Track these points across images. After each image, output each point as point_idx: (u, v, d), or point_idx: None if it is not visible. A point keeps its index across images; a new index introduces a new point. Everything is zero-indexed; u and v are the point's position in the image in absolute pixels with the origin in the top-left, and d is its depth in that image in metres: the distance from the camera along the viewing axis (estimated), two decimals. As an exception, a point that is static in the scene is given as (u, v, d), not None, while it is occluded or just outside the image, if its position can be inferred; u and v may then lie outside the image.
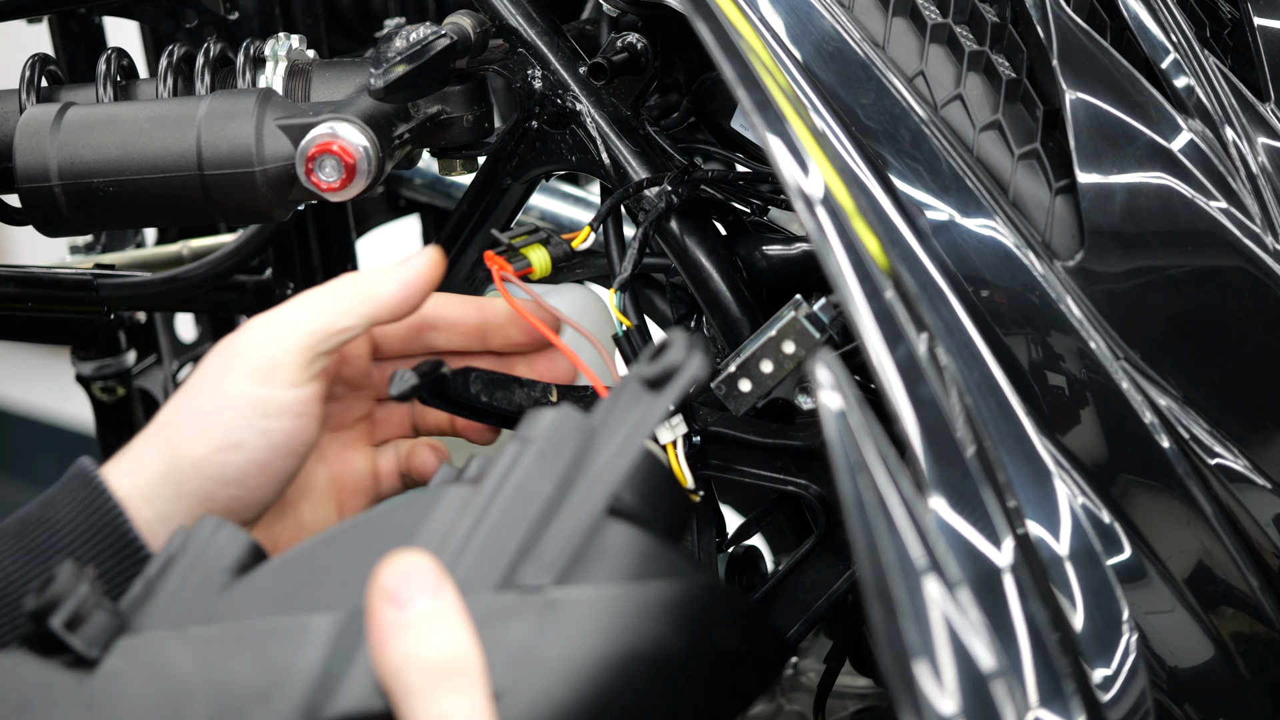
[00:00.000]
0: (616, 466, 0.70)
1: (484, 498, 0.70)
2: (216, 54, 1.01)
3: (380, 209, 1.43)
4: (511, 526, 0.69)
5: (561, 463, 0.71)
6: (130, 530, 0.83)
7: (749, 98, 0.76)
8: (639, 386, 0.72)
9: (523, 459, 0.71)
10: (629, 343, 0.91)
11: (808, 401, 0.89)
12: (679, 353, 0.72)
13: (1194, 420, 0.81)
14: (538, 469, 0.70)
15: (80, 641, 0.68)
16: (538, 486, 0.70)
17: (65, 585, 0.68)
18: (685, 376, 0.71)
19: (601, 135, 0.96)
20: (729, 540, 0.95)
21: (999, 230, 0.82)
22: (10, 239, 3.18)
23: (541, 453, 0.71)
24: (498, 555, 0.68)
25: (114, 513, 0.84)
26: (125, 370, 1.44)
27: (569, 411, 0.72)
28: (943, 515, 0.69)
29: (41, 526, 0.84)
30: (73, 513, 0.84)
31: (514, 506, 0.69)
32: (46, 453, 3.41)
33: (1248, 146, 0.83)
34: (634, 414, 0.72)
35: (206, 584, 0.70)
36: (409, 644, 0.64)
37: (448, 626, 0.64)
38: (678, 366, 0.71)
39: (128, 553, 0.83)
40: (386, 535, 0.70)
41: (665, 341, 0.73)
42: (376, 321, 0.88)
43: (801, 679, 1.28)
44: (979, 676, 0.65)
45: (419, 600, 0.64)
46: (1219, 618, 0.82)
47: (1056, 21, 0.84)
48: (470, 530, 0.69)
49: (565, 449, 0.71)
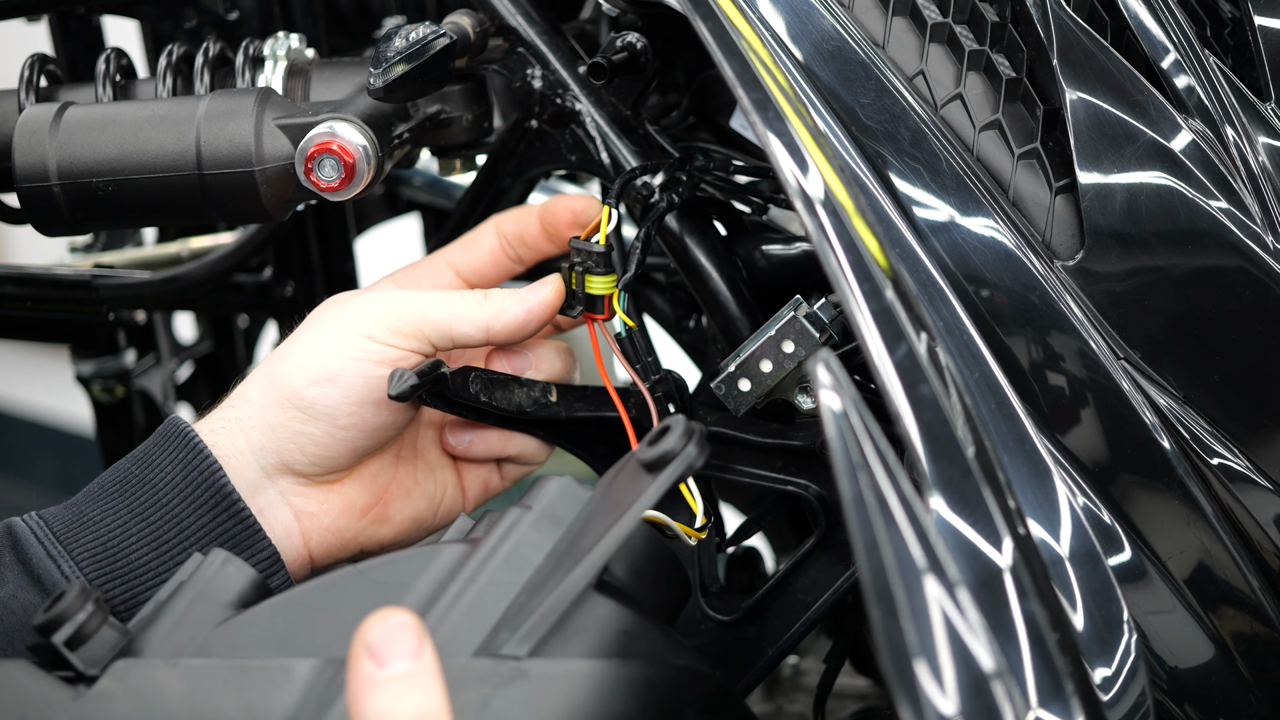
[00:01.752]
0: (605, 543, 0.71)
1: (477, 561, 0.72)
2: (216, 54, 1.01)
3: (380, 208, 1.43)
4: (498, 593, 0.71)
5: (556, 533, 0.73)
6: (226, 483, 0.88)
7: (749, 97, 0.76)
8: (638, 467, 0.74)
9: (519, 526, 0.73)
10: (631, 343, 0.91)
11: (808, 401, 0.89)
12: (677, 439, 0.73)
13: (1194, 420, 0.81)
14: (531, 538, 0.73)
15: (80, 659, 0.70)
16: (530, 555, 0.72)
17: (71, 605, 0.71)
18: (683, 462, 0.73)
19: (601, 134, 0.96)
20: (729, 540, 0.95)
21: (999, 230, 0.82)
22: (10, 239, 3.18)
23: (538, 521, 0.73)
24: (481, 621, 0.70)
25: (212, 469, 0.88)
26: (125, 370, 1.44)
27: (571, 483, 0.75)
28: (943, 515, 0.69)
29: (144, 487, 0.88)
30: (172, 471, 0.88)
31: (503, 573, 0.71)
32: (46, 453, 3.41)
33: (1248, 146, 0.83)
34: (630, 493, 0.73)
35: (207, 615, 0.73)
36: (384, 700, 0.65)
37: (424, 687, 0.66)
38: (675, 452, 0.73)
39: (224, 505, 0.88)
40: (378, 589, 0.72)
41: (665, 425, 0.75)
42: (492, 342, 0.92)
43: (801, 679, 1.28)
44: (979, 676, 0.65)
45: (399, 660, 0.66)
46: (1219, 618, 0.82)
47: (1056, 21, 0.84)
48: (458, 593, 0.71)
49: (562, 520, 0.73)
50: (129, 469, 0.89)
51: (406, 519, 0.96)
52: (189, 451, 0.89)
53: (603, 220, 0.90)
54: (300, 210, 1.23)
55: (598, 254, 0.90)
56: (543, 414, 0.93)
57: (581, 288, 0.91)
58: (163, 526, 0.87)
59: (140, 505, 0.88)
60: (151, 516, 0.88)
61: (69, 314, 1.23)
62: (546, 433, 0.95)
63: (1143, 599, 0.81)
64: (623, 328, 0.90)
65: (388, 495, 0.95)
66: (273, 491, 0.91)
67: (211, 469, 0.88)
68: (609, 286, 0.90)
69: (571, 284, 0.91)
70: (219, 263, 1.21)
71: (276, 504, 0.91)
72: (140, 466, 0.89)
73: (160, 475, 0.89)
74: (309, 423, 0.89)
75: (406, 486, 0.96)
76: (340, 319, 0.91)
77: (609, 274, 0.90)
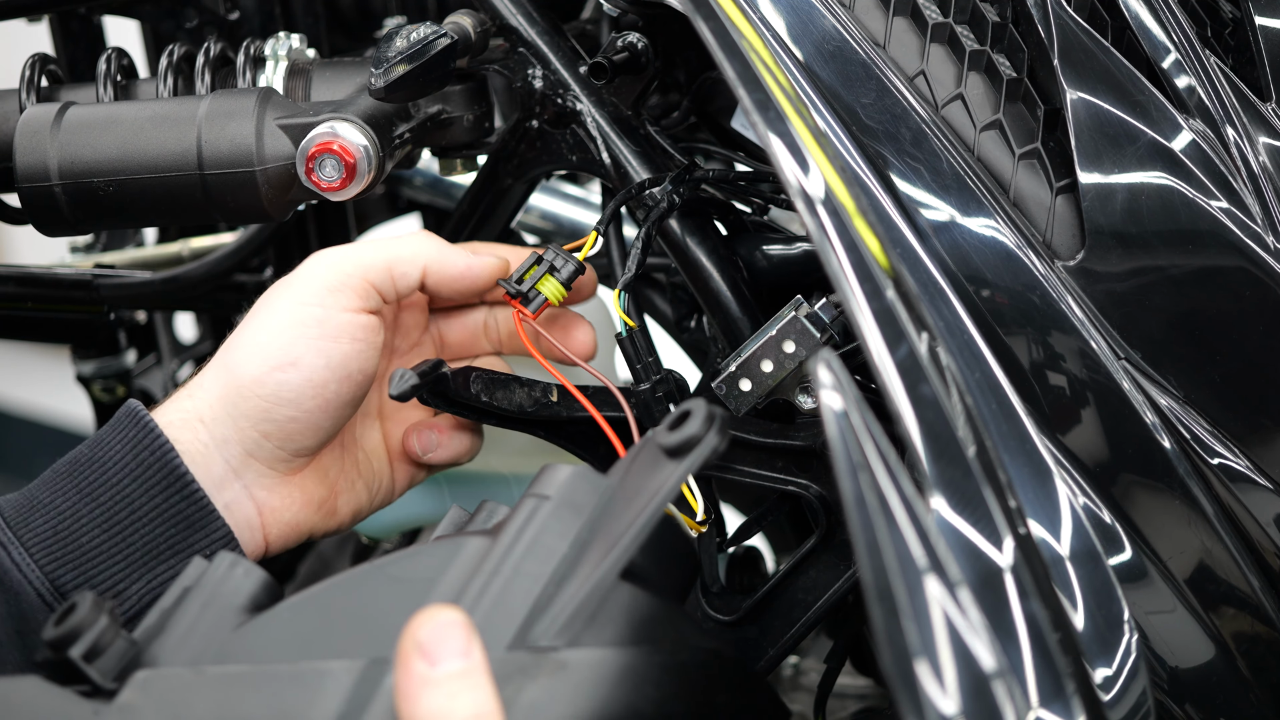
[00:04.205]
0: (633, 532, 0.71)
1: (500, 552, 0.71)
2: (216, 54, 1.01)
3: (380, 208, 1.42)
4: (527, 585, 0.70)
5: (578, 522, 0.72)
6: (179, 464, 0.86)
7: (750, 97, 0.76)
8: (657, 451, 0.73)
9: (539, 515, 0.72)
10: (632, 343, 0.91)
11: (808, 401, 0.89)
12: (699, 424, 0.73)
13: (1195, 420, 0.81)
14: (554, 527, 0.72)
15: (97, 672, 0.69)
16: (554, 545, 0.71)
17: (86, 617, 0.70)
18: (706, 448, 0.72)
19: (602, 135, 0.96)
20: (729, 540, 0.95)
21: (1000, 230, 0.82)
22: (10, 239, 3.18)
23: (557, 510, 0.72)
24: (512, 613, 0.69)
25: (163, 449, 0.86)
26: (125, 370, 1.44)
27: (585, 471, 0.74)
28: (943, 515, 0.69)
29: (93, 466, 0.86)
30: (122, 450, 0.86)
31: (529, 563, 0.71)
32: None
33: (1248, 146, 0.83)
34: (652, 480, 0.73)
35: (221, 620, 0.71)
36: (438, 700, 0.65)
37: (476, 685, 0.65)
38: (699, 438, 0.72)
39: (177, 486, 0.86)
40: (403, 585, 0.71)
41: (685, 410, 0.74)
42: (430, 288, 0.92)
43: (801, 679, 1.28)
44: (979, 676, 0.65)
45: (451, 658, 0.65)
46: (1220, 618, 0.82)
47: (1057, 21, 0.84)
48: (484, 586, 0.70)
49: (582, 508, 0.72)
50: (81, 451, 0.88)
51: (349, 510, 0.96)
52: (139, 431, 0.87)
53: (588, 242, 0.91)
54: (301, 210, 1.23)
55: (571, 268, 0.91)
56: (544, 414, 0.93)
57: (535, 280, 0.91)
58: (114, 507, 0.86)
59: (90, 486, 0.86)
60: (102, 497, 0.86)
61: (69, 314, 1.23)
62: (547, 432, 0.95)
63: (1143, 599, 0.81)
64: (623, 328, 0.90)
65: (337, 487, 0.95)
66: (238, 486, 0.90)
67: (163, 448, 0.87)
68: (554, 295, 0.92)
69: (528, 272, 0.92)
70: (219, 263, 1.21)
71: (242, 499, 0.90)
72: (91, 448, 0.88)
73: (110, 455, 0.87)
74: (273, 409, 0.88)
75: (351, 478, 0.96)
76: (288, 296, 0.90)
77: (564, 289, 0.92)
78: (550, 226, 1.32)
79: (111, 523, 0.86)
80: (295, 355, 0.88)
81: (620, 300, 0.90)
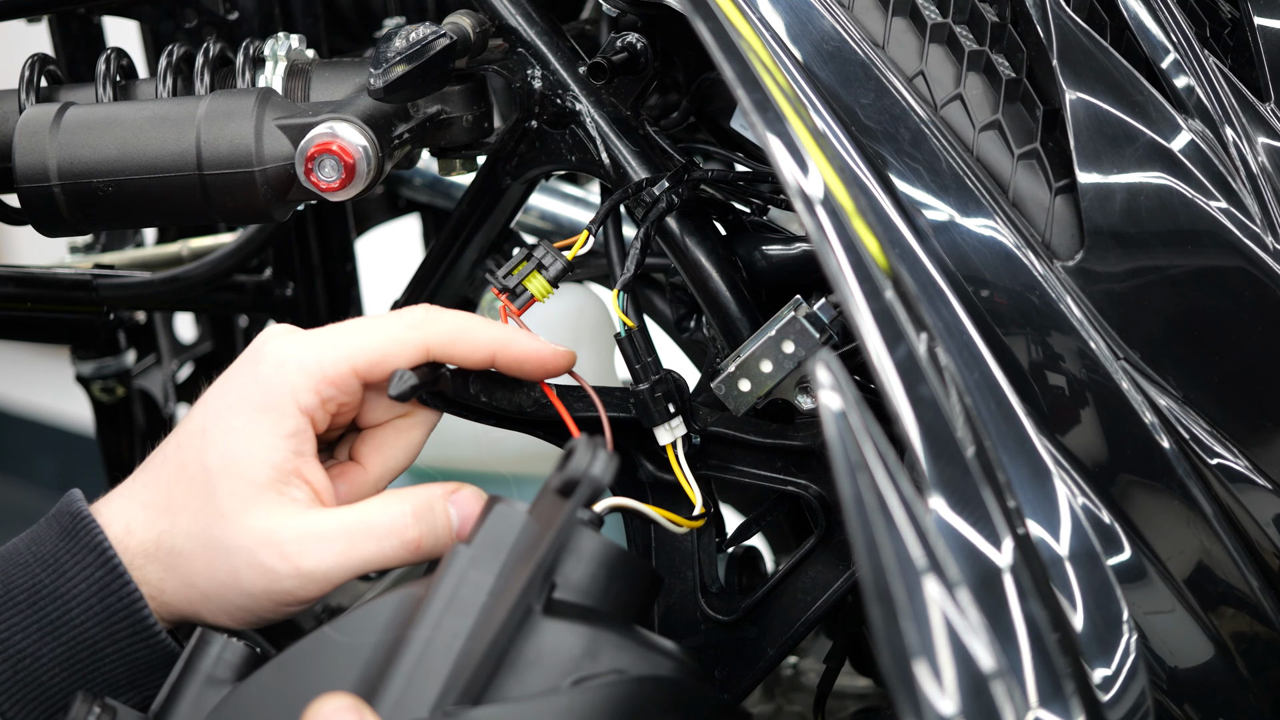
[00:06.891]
0: (525, 581, 0.72)
1: (423, 612, 0.73)
2: (216, 54, 1.01)
3: (380, 209, 1.43)
4: (446, 644, 0.72)
5: (495, 566, 0.74)
6: (147, 614, 0.84)
7: (749, 97, 0.76)
8: (553, 495, 0.75)
9: (457, 564, 0.74)
10: (631, 343, 0.91)
11: (808, 401, 0.89)
12: (580, 462, 0.74)
13: (1194, 420, 0.81)
14: (471, 577, 0.73)
15: None
16: (472, 597, 0.73)
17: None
18: (586, 489, 0.73)
19: (601, 135, 0.96)
20: (729, 540, 0.95)
21: (999, 230, 0.82)
22: (10, 239, 3.18)
23: (475, 558, 0.74)
24: (432, 677, 0.71)
25: (131, 596, 0.83)
26: (125, 370, 1.44)
27: (505, 510, 0.75)
28: (942, 515, 0.69)
29: (55, 602, 0.83)
30: (87, 591, 0.83)
31: (450, 619, 0.72)
32: (46, 453, 3.41)
33: (1248, 146, 0.83)
34: (554, 519, 0.74)
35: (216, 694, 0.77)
36: None
37: None
38: (578, 477, 0.74)
39: (144, 636, 0.84)
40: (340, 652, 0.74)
41: (570, 447, 0.75)
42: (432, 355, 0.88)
43: (801, 679, 1.28)
44: (979, 676, 0.65)
45: None
46: (1219, 618, 0.82)
47: (1056, 21, 0.84)
48: (408, 649, 0.72)
49: (500, 549, 0.74)
50: (39, 576, 0.83)
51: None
52: (106, 572, 0.83)
53: (579, 241, 0.91)
54: (300, 210, 1.23)
55: (559, 266, 0.91)
56: (543, 414, 0.93)
57: (523, 277, 0.91)
58: (76, 648, 0.83)
59: (53, 624, 0.83)
60: (64, 636, 0.83)
61: (69, 314, 1.23)
62: (546, 433, 0.95)
63: (1142, 599, 0.81)
64: (622, 328, 0.90)
65: None
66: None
67: (130, 595, 0.83)
68: (541, 292, 0.91)
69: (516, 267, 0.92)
70: (219, 263, 1.21)
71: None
72: (51, 575, 0.83)
73: (74, 591, 0.83)
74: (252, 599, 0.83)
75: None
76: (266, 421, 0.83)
77: (550, 286, 0.92)
78: (550, 226, 1.32)
79: (73, 662, 0.83)
80: (293, 552, 0.83)
81: (619, 300, 0.90)
